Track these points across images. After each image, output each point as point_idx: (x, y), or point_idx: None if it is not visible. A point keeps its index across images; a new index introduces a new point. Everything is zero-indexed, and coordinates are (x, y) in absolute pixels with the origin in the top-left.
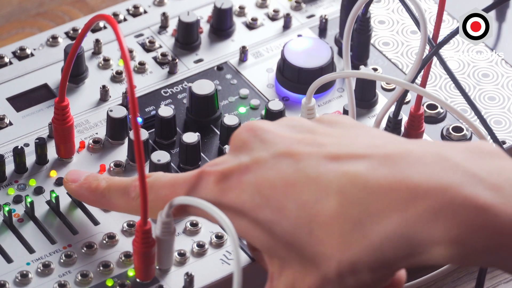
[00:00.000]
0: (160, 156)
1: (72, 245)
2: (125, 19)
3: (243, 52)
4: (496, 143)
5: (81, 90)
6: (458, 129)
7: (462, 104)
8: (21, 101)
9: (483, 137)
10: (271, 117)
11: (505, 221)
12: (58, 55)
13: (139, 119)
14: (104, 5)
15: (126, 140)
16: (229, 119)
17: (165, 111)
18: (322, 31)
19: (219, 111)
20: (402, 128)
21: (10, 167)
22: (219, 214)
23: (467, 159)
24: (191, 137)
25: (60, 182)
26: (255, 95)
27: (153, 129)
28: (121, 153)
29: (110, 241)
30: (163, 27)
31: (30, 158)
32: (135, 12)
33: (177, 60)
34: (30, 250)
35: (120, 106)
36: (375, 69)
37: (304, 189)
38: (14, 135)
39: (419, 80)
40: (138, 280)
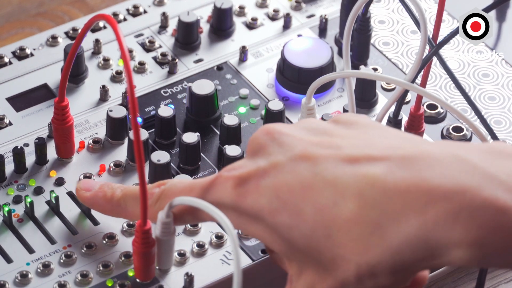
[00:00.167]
0: (160, 156)
1: (72, 245)
2: (125, 19)
3: (243, 52)
4: None
5: (81, 90)
6: (458, 129)
7: (462, 104)
8: (20, 101)
9: (483, 137)
10: (271, 117)
11: None
12: (58, 55)
13: (139, 119)
14: (104, 5)
15: (126, 140)
16: (229, 119)
17: (165, 111)
18: (322, 31)
19: (219, 111)
20: (402, 128)
21: (10, 167)
22: (219, 215)
23: (485, 160)
24: (191, 137)
25: (60, 182)
26: (255, 95)
27: (153, 129)
28: (121, 153)
29: (110, 241)
30: (163, 27)
31: (30, 158)
32: (135, 12)
33: (177, 60)
34: (30, 250)
35: (120, 106)
36: (375, 69)
37: (322, 192)
38: (13, 135)
39: (419, 80)
40: (138, 280)
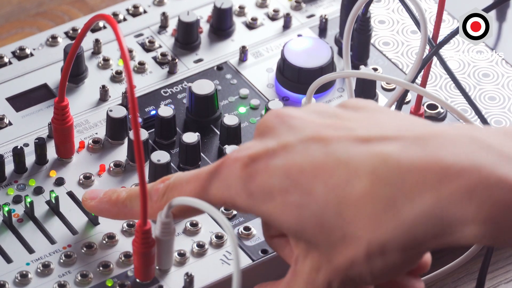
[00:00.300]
0: (160, 156)
1: (72, 245)
2: (124, 19)
3: (243, 52)
4: None
5: (80, 90)
6: None
7: (462, 104)
8: (20, 101)
9: None
10: None
11: None
12: (57, 55)
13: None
14: (103, 4)
15: (126, 140)
16: (229, 119)
17: (165, 111)
18: (322, 31)
19: (219, 111)
20: None
21: (9, 167)
22: (219, 215)
23: (501, 141)
24: (191, 137)
25: (60, 182)
26: (255, 95)
27: (153, 129)
28: (121, 153)
29: (110, 241)
30: (163, 27)
31: (30, 158)
32: (135, 12)
33: (177, 60)
34: (30, 250)
35: (120, 106)
36: (375, 69)
37: (334, 171)
38: (13, 135)
39: (419, 80)
40: (138, 280)
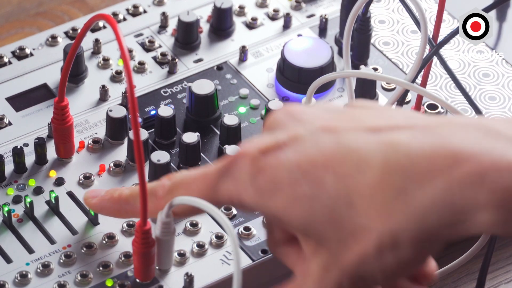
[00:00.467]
0: (160, 156)
1: (71, 245)
2: (124, 19)
3: (243, 51)
4: None
5: (80, 90)
6: None
7: (462, 104)
8: (20, 101)
9: None
10: None
11: None
12: (57, 55)
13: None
14: (103, 4)
15: (126, 140)
16: (229, 119)
17: (165, 111)
18: (322, 30)
19: (219, 111)
20: None
21: (9, 167)
22: (219, 215)
23: (509, 128)
24: (191, 137)
25: (60, 182)
26: (255, 95)
27: (153, 129)
28: (120, 153)
29: (110, 241)
30: (163, 26)
31: (30, 158)
32: (135, 12)
33: (176, 60)
34: (30, 250)
35: (120, 106)
36: (375, 69)
37: (345, 161)
38: (13, 135)
39: (419, 80)
40: (138, 280)
